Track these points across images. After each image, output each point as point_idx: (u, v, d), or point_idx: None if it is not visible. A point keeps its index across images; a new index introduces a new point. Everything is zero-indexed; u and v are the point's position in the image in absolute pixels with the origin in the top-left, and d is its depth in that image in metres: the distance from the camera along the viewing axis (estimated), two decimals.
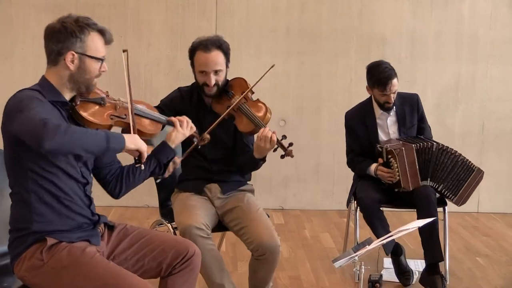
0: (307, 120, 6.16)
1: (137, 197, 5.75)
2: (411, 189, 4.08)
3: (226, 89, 3.56)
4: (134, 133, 2.67)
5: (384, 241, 2.85)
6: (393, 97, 4.18)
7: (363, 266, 2.87)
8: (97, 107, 2.66)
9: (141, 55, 6.00)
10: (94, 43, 2.60)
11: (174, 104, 3.61)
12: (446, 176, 4.12)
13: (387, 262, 4.44)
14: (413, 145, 4.07)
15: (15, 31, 5.91)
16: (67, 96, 2.62)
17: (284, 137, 3.39)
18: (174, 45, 6.04)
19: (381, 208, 4.16)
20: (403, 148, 4.05)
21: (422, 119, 4.37)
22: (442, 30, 6.14)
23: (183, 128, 2.93)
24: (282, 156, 3.37)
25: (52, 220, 2.56)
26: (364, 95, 5.99)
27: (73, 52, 2.55)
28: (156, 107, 3.17)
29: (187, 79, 5.91)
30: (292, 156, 3.34)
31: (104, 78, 2.74)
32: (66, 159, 2.57)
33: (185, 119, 2.95)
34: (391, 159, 4.08)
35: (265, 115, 3.45)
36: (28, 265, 2.53)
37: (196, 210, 3.43)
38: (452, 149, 4.15)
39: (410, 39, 6.14)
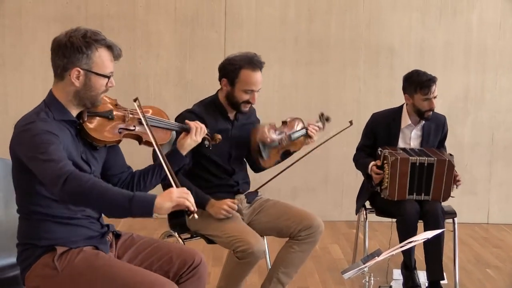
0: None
1: None
2: (395, 199, 4.08)
3: None
4: (150, 145, 2.64)
5: (393, 252, 2.83)
6: (435, 102, 4.16)
7: (372, 278, 2.85)
8: (105, 122, 2.62)
9: (150, 66, 6.02)
10: (101, 59, 2.51)
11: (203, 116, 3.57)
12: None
13: (397, 273, 4.42)
14: (410, 158, 4.06)
15: (24, 41, 5.94)
16: (74, 112, 2.58)
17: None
18: (183, 56, 6.05)
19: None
20: (399, 158, 4.05)
21: (442, 141, 4.37)
22: (451, 40, 6.13)
23: (197, 135, 2.93)
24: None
25: (60, 236, 2.54)
26: (372, 105, 6.01)
27: (79, 69, 2.49)
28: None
29: (196, 90, 6.00)
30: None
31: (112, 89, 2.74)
32: None
33: (200, 125, 2.94)
34: (385, 164, 4.09)
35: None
36: (41, 275, 2.52)
37: (250, 228, 3.49)
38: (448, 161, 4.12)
39: (419, 50, 6.13)
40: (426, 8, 6.10)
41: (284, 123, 3.76)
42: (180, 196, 2.36)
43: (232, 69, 3.51)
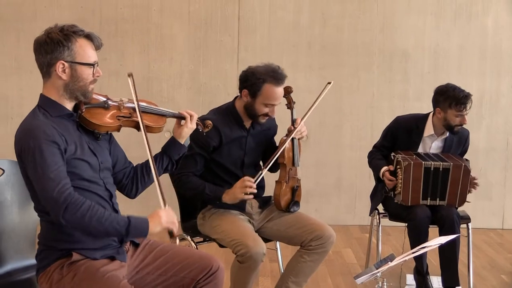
0: (329, 135, 6.14)
1: (158, 207, 5.74)
2: (409, 204, 4.06)
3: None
4: (144, 130, 2.67)
5: (407, 258, 2.82)
6: (467, 118, 4.14)
7: (385, 283, 2.84)
8: (102, 110, 2.66)
9: (164, 70, 6.04)
10: (82, 49, 2.55)
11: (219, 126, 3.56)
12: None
13: (410, 278, 4.39)
14: (424, 163, 4.04)
15: None
16: (69, 106, 2.61)
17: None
18: (197, 59, 6.07)
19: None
20: (412, 163, 4.02)
21: (462, 154, 4.34)
22: (465, 44, 6.10)
23: (193, 122, 2.94)
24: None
25: (80, 240, 2.56)
26: (386, 110, 6.00)
27: (63, 62, 2.52)
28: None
29: (209, 94, 6.01)
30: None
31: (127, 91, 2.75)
32: (89, 177, 2.58)
33: (192, 112, 2.95)
34: (398, 170, 4.07)
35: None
36: (51, 278, 2.55)
37: (253, 231, 3.48)
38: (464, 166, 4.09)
39: (433, 54, 6.11)
40: (440, 11, 6.08)
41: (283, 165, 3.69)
42: (168, 221, 2.57)
43: (255, 82, 3.48)
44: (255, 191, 3.45)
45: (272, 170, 3.82)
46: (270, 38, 6.06)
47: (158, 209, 2.58)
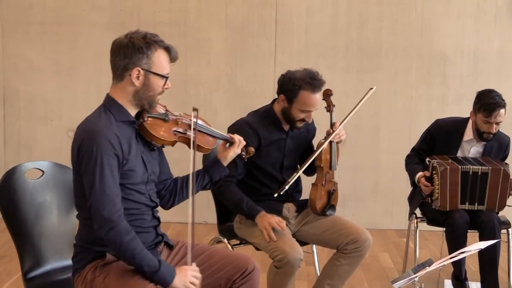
0: (366, 138, 6.11)
1: (195, 213, 5.77)
2: (448, 209, 4.00)
3: None
4: (194, 148, 2.68)
5: (445, 263, 2.78)
6: (495, 128, 4.07)
7: None
8: (162, 122, 2.68)
9: (201, 73, 6.06)
10: (159, 60, 2.56)
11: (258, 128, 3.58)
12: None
13: (448, 284, 4.34)
14: (460, 167, 3.98)
15: (79, 49, 6.06)
16: (132, 113, 2.62)
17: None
18: (234, 63, 6.08)
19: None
20: (448, 168, 3.97)
21: (502, 161, 4.27)
22: (505, 47, 6.01)
23: (239, 148, 2.94)
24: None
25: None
26: (424, 113, 5.95)
27: (139, 68, 2.53)
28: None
29: (246, 97, 6.02)
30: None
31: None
32: (135, 187, 2.61)
33: (241, 138, 2.95)
34: (435, 175, 4.01)
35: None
36: (85, 279, 2.59)
37: (290, 237, 3.47)
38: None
39: (473, 57, 6.03)
40: (480, 14, 6.00)
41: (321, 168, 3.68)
42: (191, 282, 2.56)
43: (292, 88, 3.46)
44: (280, 229, 3.42)
45: (308, 173, 3.81)
46: (307, 41, 6.05)
47: (187, 266, 2.60)
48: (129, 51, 2.52)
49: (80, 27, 6.06)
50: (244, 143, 2.97)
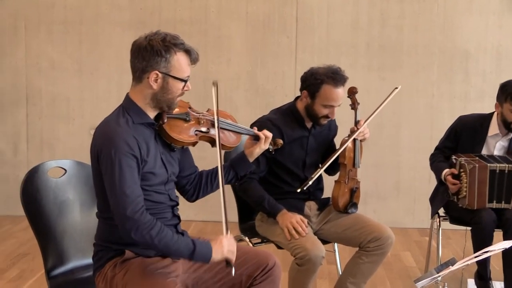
0: (388, 136, 6.07)
1: (217, 211, 5.77)
2: (475, 208, 3.95)
3: None
4: (219, 147, 2.67)
5: (469, 262, 2.76)
6: None
7: (446, 287, 2.79)
8: (182, 123, 2.67)
9: (221, 71, 6.07)
10: (179, 63, 2.54)
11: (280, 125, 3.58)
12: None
13: (471, 283, 4.30)
14: (488, 165, 3.93)
15: (100, 47, 6.09)
16: (151, 115, 2.61)
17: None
18: (254, 61, 6.08)
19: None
20: (477, 166, 3.92)
21: None
22: None
23: (266, 143, 2.93)
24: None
25: (133, 242, 2.57)
26: (446, 111, 5.90)
27: (157, 72, 2.51)
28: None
29: (267, 95, 6.02)
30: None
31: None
32: (153, 188, 2.61)
33: (267, 134, 2.94)
34: (462, 173, 3.96)
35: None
36: (106, 277, 2.60)
37: (312, 234, 3.47)
38: None
39: (495, 54, 5.97)
40: (503, 10, 5.93)
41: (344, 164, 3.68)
42: (229, 250, 2.57)
43: (314, 83, 3.47)
44: (302, 234, 3.40)
45: (330, 172, 3.80)
46: (328, 39, 6.03)
47: (221, 235, 2.60)
48: (147, 54, 2.51)
49: (101, 26, 6.09)
50: (270, 136, 2.95)
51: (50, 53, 6.16)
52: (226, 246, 2.56)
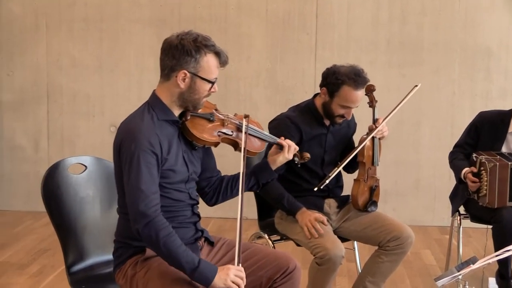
0: (408, 134, 6.04)
1: (236, 208, 5.78)
2: (495, 207, 3.91)
3: None
4: (243, 152, 2.66)
5: (490, 261, 2.73)
6: None
7: (467, 286, 2.77)
8: (206, 122, 2.67)
9: (241, 68, 6.07)
10: (208, 64, 2.55)
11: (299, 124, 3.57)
12: None
13: (492, 282, 4.26)
14: (509, 163, 3.89)
15: (120, 45, 6.12)
16: (176, 113, 2.63)
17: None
18: (274, 58, 6.07)
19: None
20: (498, 164, 3.88)
21: None
22: None
23: (290, 153, 2.90)
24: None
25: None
26: (467, 108, 5.85)
27: (186, 71, 2.52)
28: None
29: (287, 93, 6.01)
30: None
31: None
32: (173, 186, 2.61)
33: (292, 144, 2.92)
34: (483, 171, 3.92)
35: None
36: (126, 274, 2.61)
37: (332, 233, 3.45)
38: None
39: None
40: None
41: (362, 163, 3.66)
42: (234, 280, 2.47)
43: (335, 82, 3.45)
44: (319, 232, 3.37)
45: (349, 170, 3.78)
46: (348, 36, 6.01)
47: (232, 265, 2.53)
48: (177, 53, 2.52)
49: (122, 23, 6.11)
50: (296, 148, 2.93)
51: (71, 50, 6.19)
52: (231, 276, 2.47)
